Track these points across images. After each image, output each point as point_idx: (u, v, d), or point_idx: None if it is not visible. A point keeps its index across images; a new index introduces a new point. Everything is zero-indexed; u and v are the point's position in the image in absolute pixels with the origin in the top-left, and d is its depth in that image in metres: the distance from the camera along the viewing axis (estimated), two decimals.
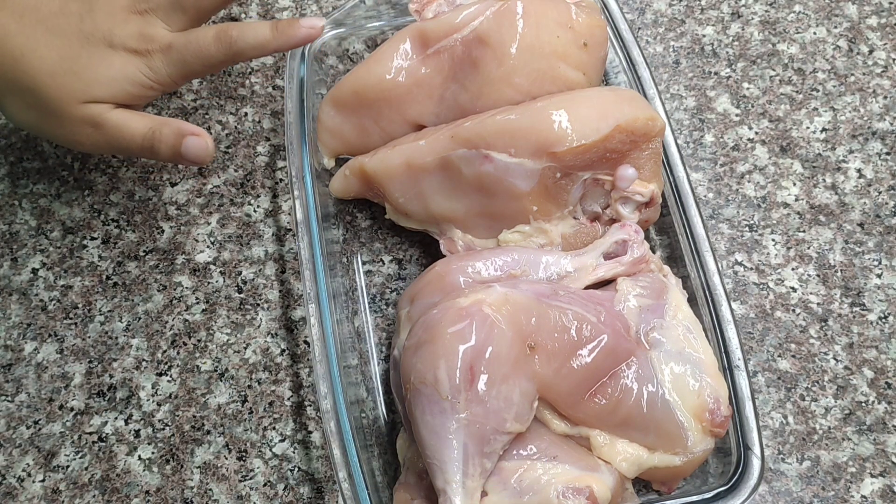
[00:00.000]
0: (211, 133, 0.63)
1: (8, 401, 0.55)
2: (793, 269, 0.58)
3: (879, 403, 0.54)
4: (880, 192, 0.61)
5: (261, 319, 0.57)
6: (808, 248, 0.59)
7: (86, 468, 0.53)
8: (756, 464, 0.47)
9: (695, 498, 0.47)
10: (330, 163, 0.58)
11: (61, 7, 0.50)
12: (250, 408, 0.55)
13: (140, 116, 0.52)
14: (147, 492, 0.52)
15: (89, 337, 0.57)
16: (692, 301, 0.52)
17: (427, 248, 0.59)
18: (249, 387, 0.55)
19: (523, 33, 0.52)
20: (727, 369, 0.49)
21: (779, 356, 0.56)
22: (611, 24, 0.59)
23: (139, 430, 0.54)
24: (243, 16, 0.68)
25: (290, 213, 0.61)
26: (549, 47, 0.52)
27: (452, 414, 0.43)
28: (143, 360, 0.56)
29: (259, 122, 0.64)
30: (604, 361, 0.46)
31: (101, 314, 0.58)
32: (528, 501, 0.44)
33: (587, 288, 0.50)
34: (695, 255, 0.53)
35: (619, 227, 0.52)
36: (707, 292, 0.51)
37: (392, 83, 0.54)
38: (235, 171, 0.62)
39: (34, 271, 0.59)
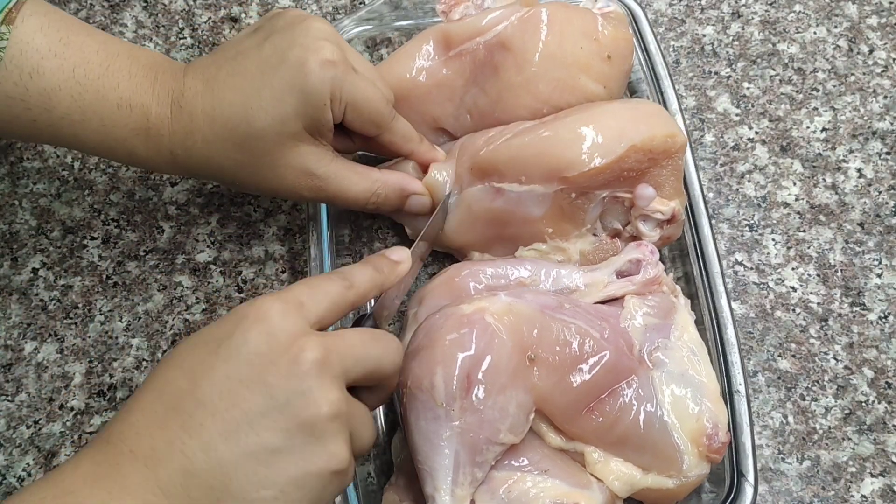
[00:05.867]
0: None
1: (8, 400, 0.55)
2: (793, 269, 0.58)
3: (879, 403, 0.54)
4: (880, 192, 0.61)
5: None
6: (809, 247, 0.59)
7: None
8: (749, 491, 0.46)
9: None
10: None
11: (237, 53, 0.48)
12: None
13: (360, 176, 0.50)
14: None
15: (89, 337, 0.57)
16: (693, 300, 0.52)
17: None
18: None
19: (546, 41, 0.52)
20: (728, 393, 0.49)
21: (779, 356, 0.56)
22: (638, 38, 0.58)
23: None
24: (243, 15, 0.68)
25: (289, 213, 0.61)
26: (572, 58, 0.52)
27: (446, 421, 0.43)
28: (144, 359, 0.56)
29: None
30: (604, 378, 0.46)
31: (101, 314, 0.58)
32: None
33: (596, 304, 0.50)
34: (697, 255, 0.53)
35: (634, 246, 0.51)
36: (707, 292, 0.51)
37: (412, 83, 0.54)
38: None
39: (34, 271, 0.59)
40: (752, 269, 0.58)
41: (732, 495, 0.47)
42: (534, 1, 0.54)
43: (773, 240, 0.59)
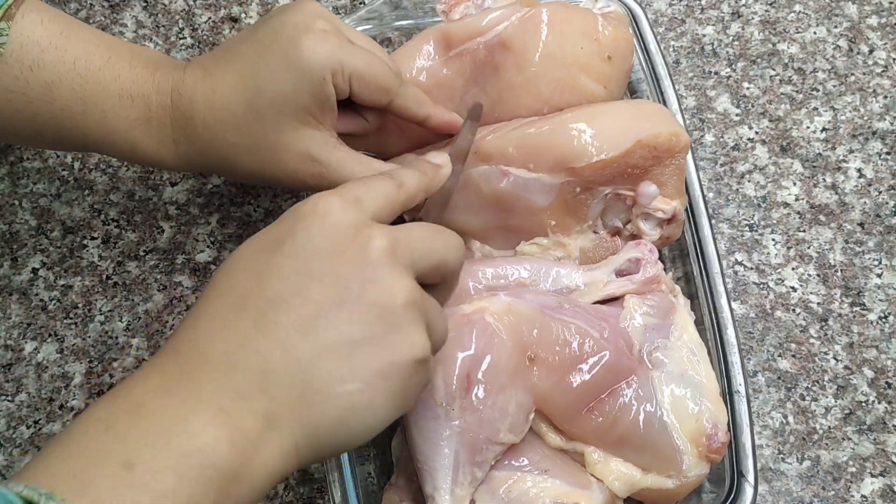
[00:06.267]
0: None
1: (8, 400, 0.55)
2: (793, 269, 0.58)
3: (879, 403, 0.54)
4: (880, 192, 0.61)
5: None
6: (809, 247, 0.59)
7: None
8: (749, 491, 0.46)
9: None
10: None
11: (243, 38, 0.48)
12: None
13: (363, 165, 0.48)
14: None
15: (89, 337, 0.57)
16: (693, 301, 0.52)
17: None
18: None
19: (546, 41, 0.52)
20: (728, 394, 0.48)
21: (779, 356, 0.56)
22: (638, 38, 0.58)
23: None
24: (243, 15, 0.68)
25: None
26: (572, 58, 0.52)
27: (446, 421, 0.43)
28: (144, 359, 0.56)
29: None
30: (604, 378, 0.46)
31: (101, 314, 0.58)
32: None
33: (595, 303, 0.50)
34: (697, 255, 0.53)
35: (633, 245, 0.51)
36: (707, 292, 0.51)
37: (412, 83, 0.54)
38: None
39: (34, 271, 0.59)
40: (752, 269, 0.58)
41: (732, 495, 0.46)
42: (534, 1, 0.54)
43: (773, 240, 0.59)
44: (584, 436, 0.46)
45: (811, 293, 0.57)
